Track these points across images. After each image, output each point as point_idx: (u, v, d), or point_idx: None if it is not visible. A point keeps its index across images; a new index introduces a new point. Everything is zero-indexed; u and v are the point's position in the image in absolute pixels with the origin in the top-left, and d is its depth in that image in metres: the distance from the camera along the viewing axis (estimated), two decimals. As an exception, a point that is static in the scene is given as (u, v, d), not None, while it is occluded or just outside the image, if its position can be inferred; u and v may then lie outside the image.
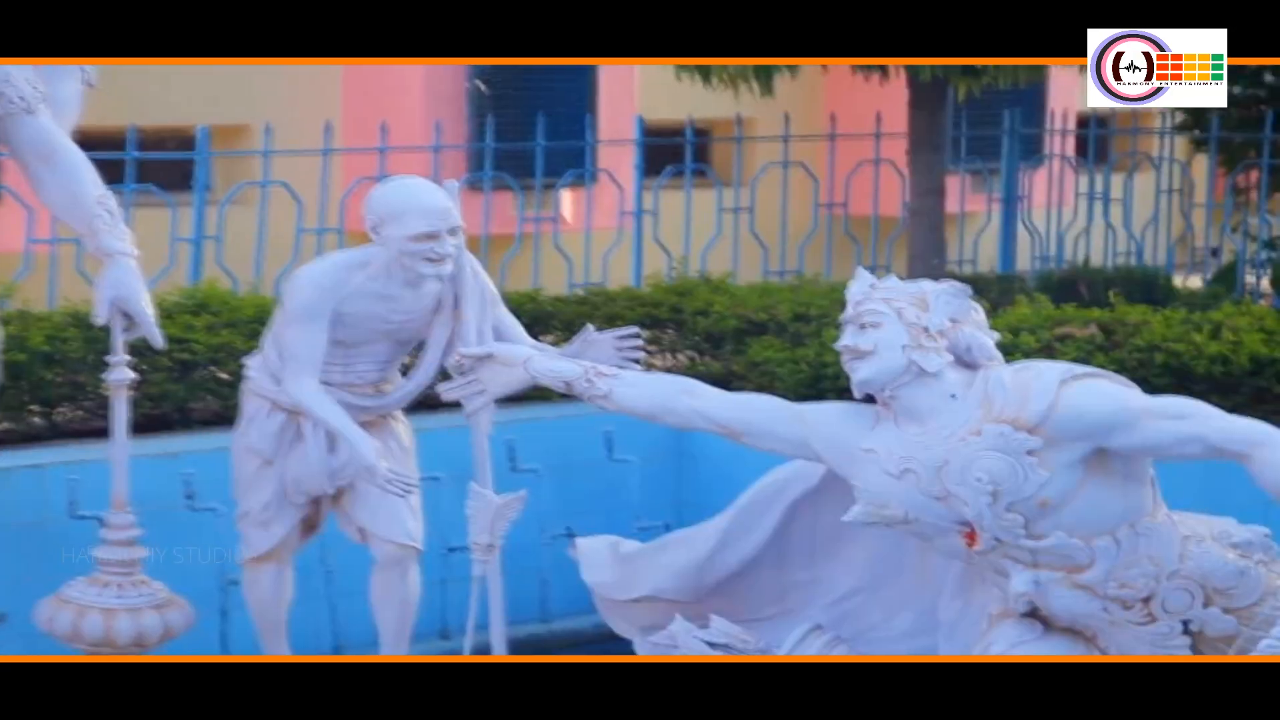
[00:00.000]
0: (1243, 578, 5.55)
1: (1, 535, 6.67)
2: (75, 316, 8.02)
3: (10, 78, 6.04)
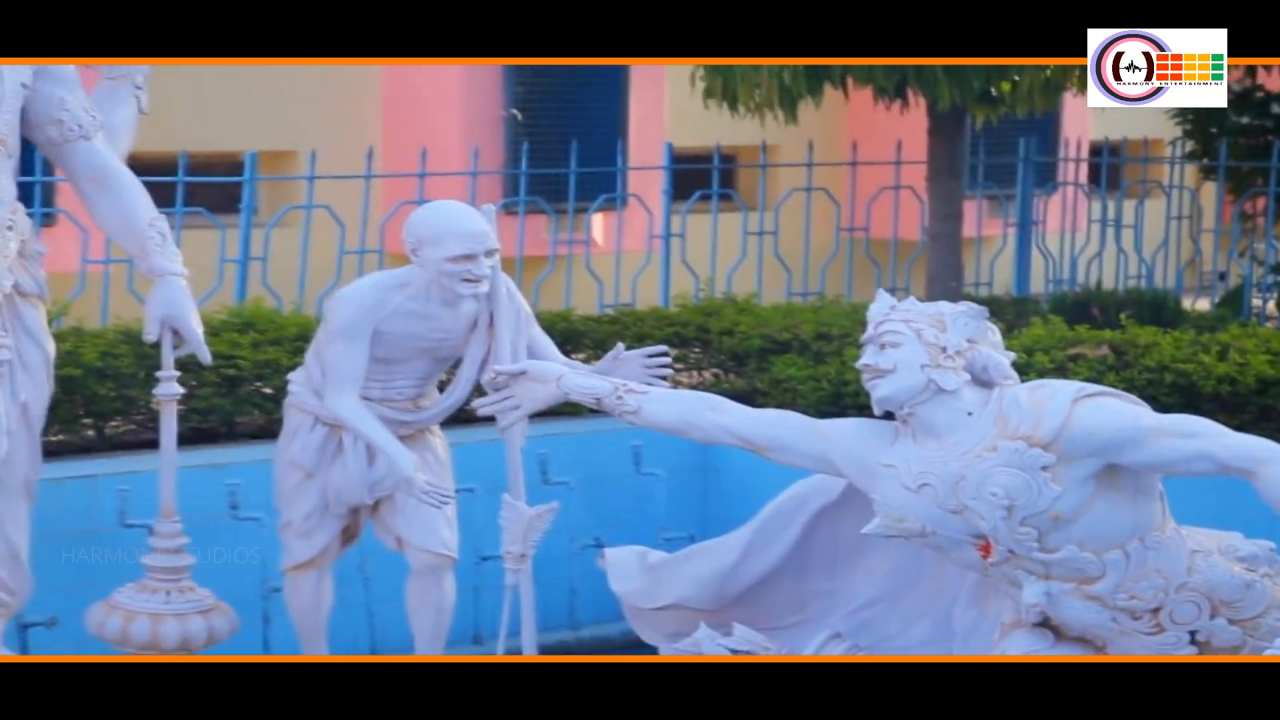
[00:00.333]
0: (1248, 590, 5.54)
1: (54, 543, 6.67)
2: (127, 333, 8.04)
3: (68, 106, 6.05)
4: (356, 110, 13.17)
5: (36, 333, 6.03)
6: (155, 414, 6.40)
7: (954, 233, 11.09)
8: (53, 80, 6.03)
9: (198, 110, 11.61)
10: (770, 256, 11.73)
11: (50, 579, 6.43)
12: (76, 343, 7.93)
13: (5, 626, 6.22)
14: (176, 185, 9.66)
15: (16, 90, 5.92)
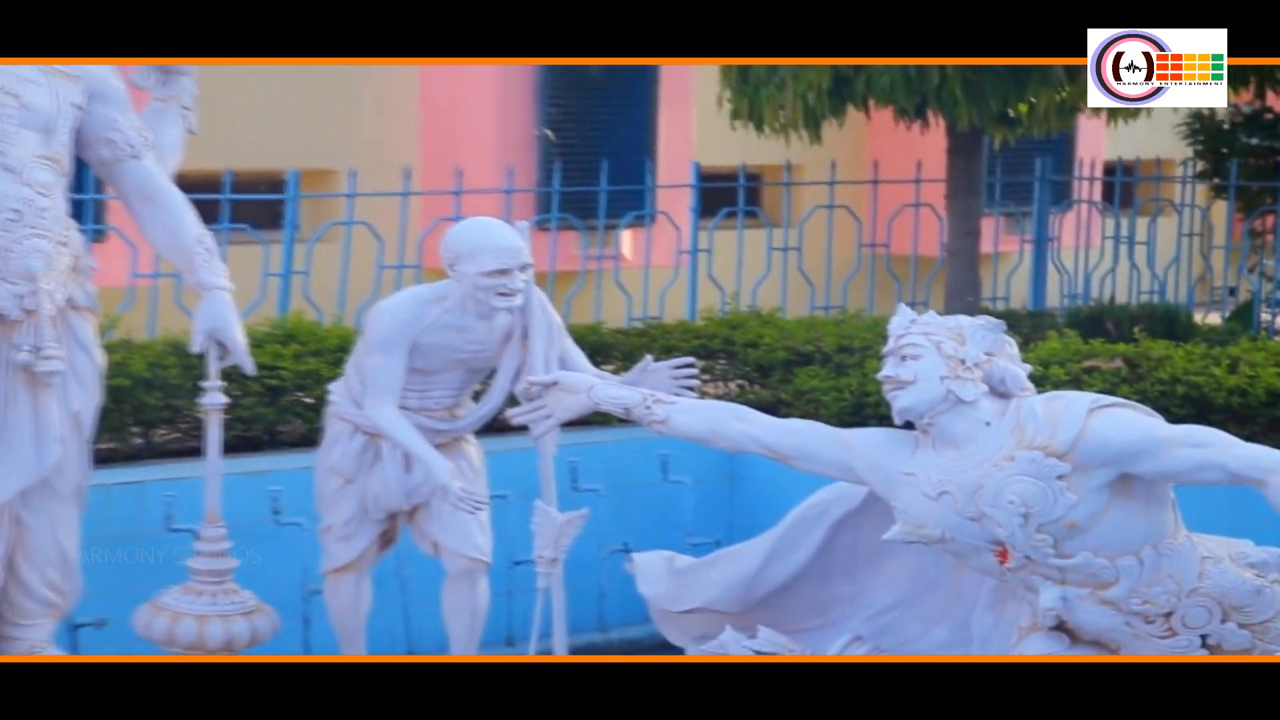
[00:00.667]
0: (1258, 596, 5.53)
1: (103, 546, 6.68)
2: (174, 345, 8.06)
3: (119, 126, 6.07)
4: (395, 130, 13.18)
5: (88, 344, 6.05)
6: (201, 423, 6.42)
7: (972, 249, 11.08)
8: (105, 101, 6.05)
9: (243, 130, 11.63)
10: (794, 271, 11.73)
11: (99, 581, 6.44)
12: (126, 354, 7.95)
13: (56, 627, 6.23)
14: (222, 202, 9.69)
15: (70, 111, 5.95)
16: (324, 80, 12.85)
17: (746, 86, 10.67)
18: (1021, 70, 9.81)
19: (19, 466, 5.87)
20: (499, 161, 12.24)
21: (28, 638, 6.09)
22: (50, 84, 5.90)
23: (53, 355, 5.85)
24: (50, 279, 5.83)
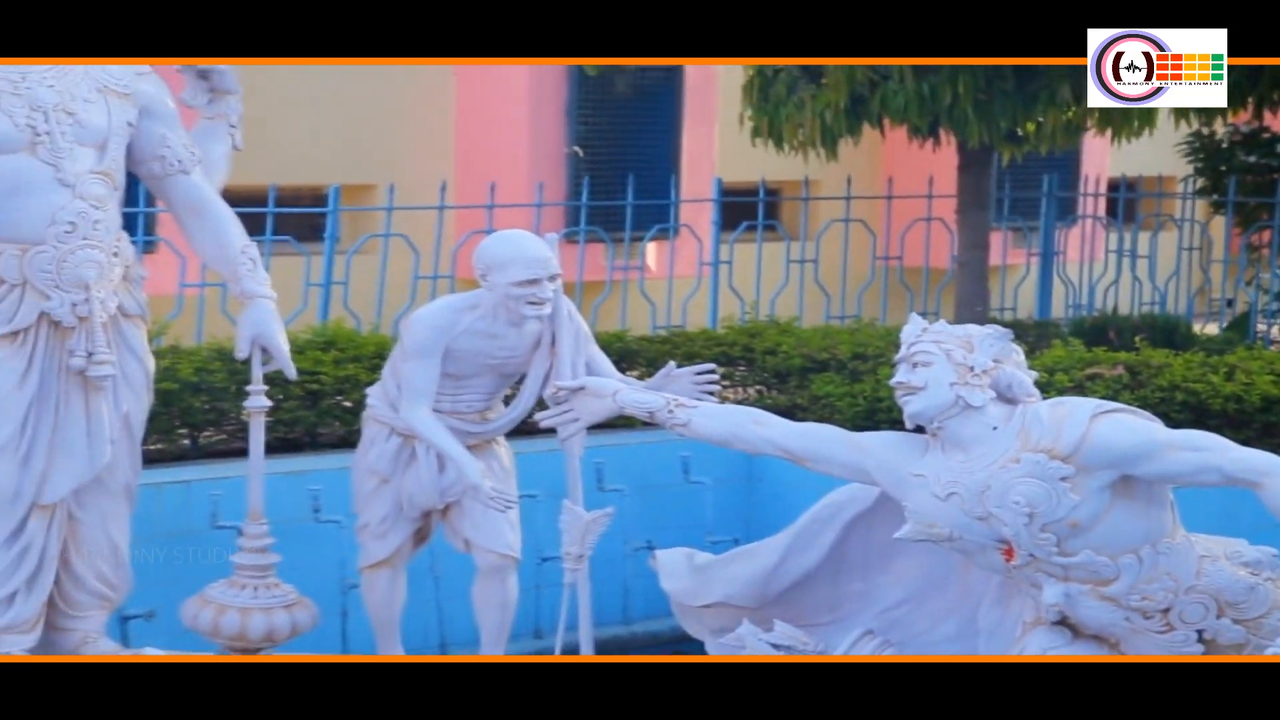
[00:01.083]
0: (1252, 593, 5.52)
1: (151, 543, 6.70)
2: (219, 351, 8.08)
3: (169, 143, 6.09)
4: (431, 147, 13.21)
5: (138, 350, 6.06)
6: (245, 425, 6.43)
7: (981, 261, 11.07)
8: (156, 119, 6.07)
9: (286, 147, 11.66)
10: (811, 282, 11.73)
11: (148, 575, 6.45)
12: (174, 359, 7.97)
13: (107, 618, 6.25)
14: (266, 216, 9.72)
15: (123, 129, 5.96)
16: (363, 99, 12.89)
17: (767, 105, 10.69)
18: (1030, 90, 9.81)
19: (72, 465, 5.89)
20: (530, 177, 12.26)
21: (80, 628, 6.10)
22: (105, 102, 5.92)
23: (105, 360, 5.86)
24: (103, 287, 5.84)
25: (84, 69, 5.91)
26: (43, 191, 5.76)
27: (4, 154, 5.71)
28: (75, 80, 5.87)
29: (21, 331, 5.79)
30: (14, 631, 5.87)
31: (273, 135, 10.75)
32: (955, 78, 9.62)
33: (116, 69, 6.00)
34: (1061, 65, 9.63)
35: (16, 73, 5.78)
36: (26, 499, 5.84)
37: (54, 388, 5.85)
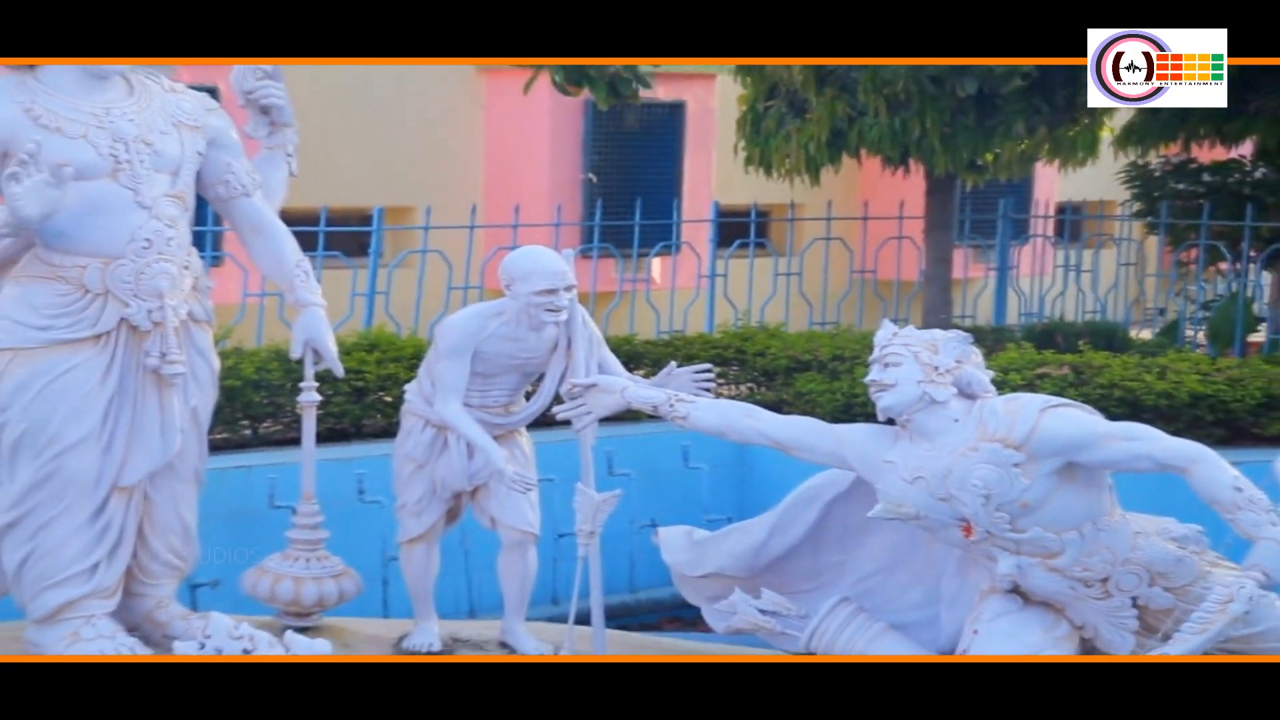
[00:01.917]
0: (1180, 564, 5.51)
1: (217, 520, 6.70)
2: (277, 352, 8.10)
3: (234, 169, 6.08)
4: (463, 174, 13.23)
5: (205, 351, 6.06)
6: (298, 417, 6.43)
7: (945, 275, 11.08)
8: (223, 148, 6.07)
9: (336, 173, 11.67)
10: (796, 293, 11.74)
11: (214, 549, 6.45)
12: (237, 360, 7.99)
13: (177, 586, 6.24)
14: (318, 234, 9.73)
15: (194, 157, 5.96)
16: (404, 132, 12.91)
17: (758, 137, 10.71)
18: (988, 125, 9.81)
19: (147, 452, 5.89)
20: (550, 200, 12.28)
21: (154, 595, 6.10)
22: (178, 134, 5.91)
23: (176, 360, 5.86)
24: (175, 296, 5.84)
25: (161, 105, 5.91)
26: (123, 212, 5.76)
27: (90, 179, 5.70)
28: (153, 115, 5.87)
29: (104, 335, 5.78)
30: (97, 596, 5.87)
31: (325, 163, 10.75)
32: (923, 113, 9.62)
33: (189, 105, 6.00)
34: (1015, 102, 9.66)
35: (101, 108, 5.77)
36: (108, 482, 5.84)
37: (132, 384, 5.85)
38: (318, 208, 9.86)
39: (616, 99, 10.14)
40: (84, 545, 5.82)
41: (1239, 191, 12.03)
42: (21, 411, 5.72)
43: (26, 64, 5.77)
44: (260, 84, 6.35)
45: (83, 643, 5.79)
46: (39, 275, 5.77)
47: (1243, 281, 11.82)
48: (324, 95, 12.04)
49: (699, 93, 13.80)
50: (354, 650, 6.07)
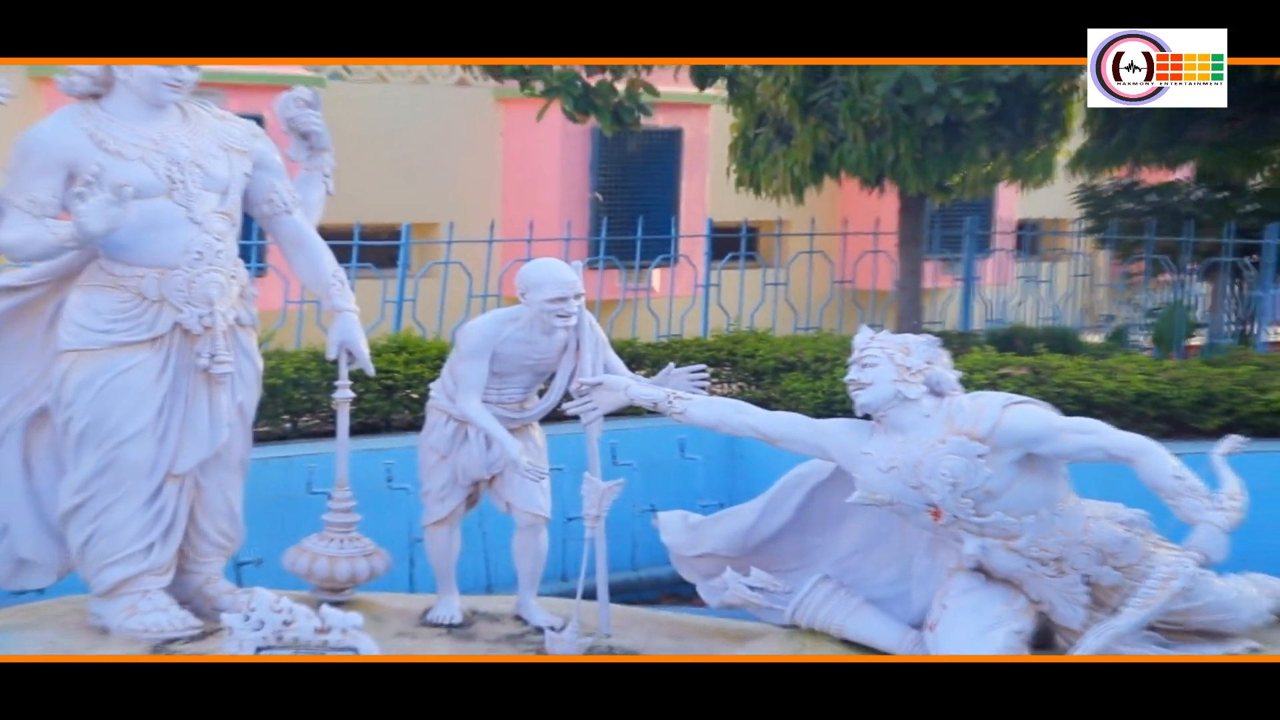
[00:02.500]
0: (1127, 545, 5.52)
1: (260, 505, 6.67)
2: (314, 354, 8.08)
3: (277, 189, 6.08)
4: (482, 193, 13.23)
5: (250, 352, 6.06)
6: (334, 412, 6.42)
7: (916, 285, 11.07)
8: (267, 170, 6.07)
9: (369, 192, 11.66)
10: (782, 301, 11.72)
11: (258, 530, 6.44)
12: (279, 360, 7.97)
13: (224, 564, 6.24)
14: (352, 247, 9.72)
15: (241, 178, 5.97)
16: (429, 155, 12.90)
17: (748, 161, 10.71)
18: (955, 150, 9.80)
19: (198, 443, 5.89)
20: (560, 217, 12.27)
21: (204, 571, 6.10)
22: (227, 157, 5.92)
23: (224, 361, 5.87)
24: (223, 303, 5.85)
25: (211, 131, 5.91)
26: (177, 228, 5.76)
27: (148, 198, 5.70)
28: (204, 140, 5.88)
29: (159, 338, 5.79)
30: (152, 573, 5.88)
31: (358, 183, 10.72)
32: (897, 140, 9.62)
33: (237, 131, 6.01)
34: (979, 130, 9.65)
35: (157, 133, 5.78)
36: (162, 470, 5.85)
37: (184, 382, 5.85)
38: (351, 224, 9.85)
39: (620, 126, 10.13)
40: (141, 527, 5.83)
41: (1179, 211, 12.05)
42: (85, 406, 5.73)
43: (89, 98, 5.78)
44: (300, 112, 6.35)
45: (139, 615, 5.80)
46: (101, 284, 5.78)
47: (1183, 292, 11.83)
48: (358, 122, 12.04)
49: (694, 121, 13.79)
50: (383, 622, 6.06)
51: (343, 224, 9.53)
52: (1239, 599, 5.74)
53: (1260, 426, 8.27)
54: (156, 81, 5.73)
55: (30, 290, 5.94)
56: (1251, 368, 8.98)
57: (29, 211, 5.65)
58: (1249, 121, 10.92)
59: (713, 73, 10.20)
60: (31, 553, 6.01)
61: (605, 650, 5.89)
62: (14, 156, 5.72)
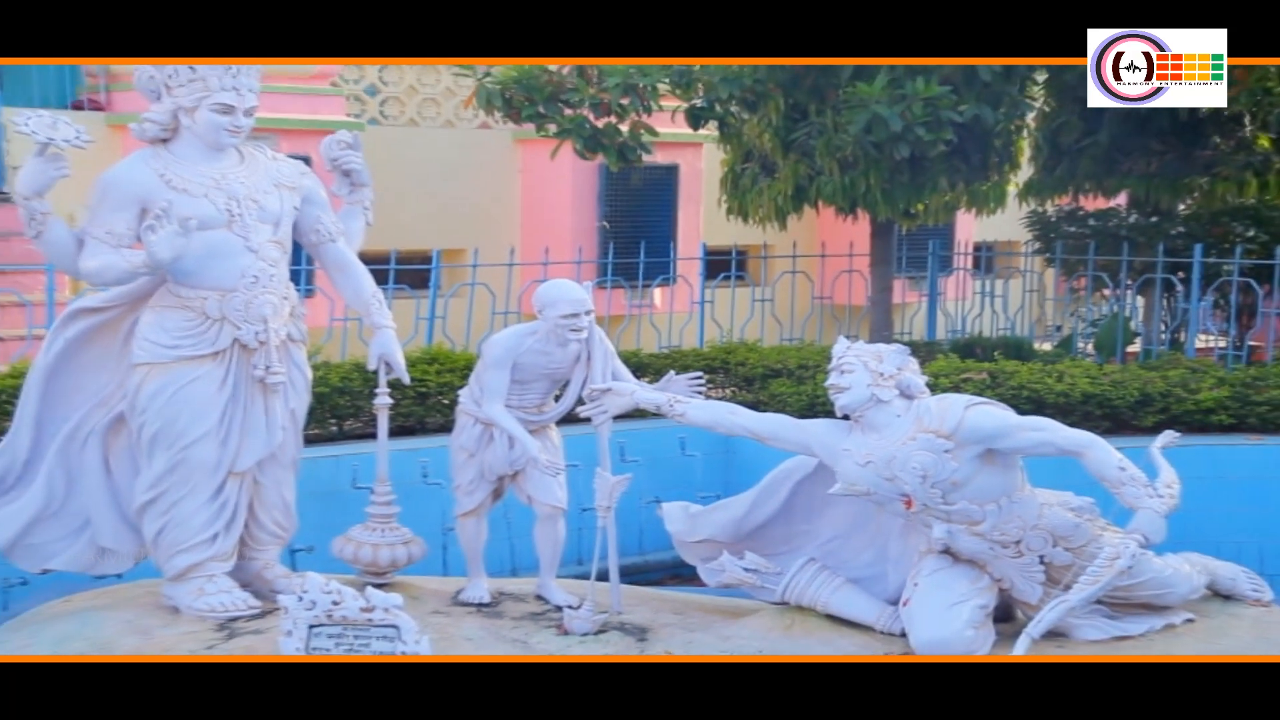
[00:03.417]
0: (1077, 529, 5.51)
1: (310, 499, 6.66)
2: (357, 365, 8.09)
3: (323, 220, 6.08)
4: (503, 223, 13.22)
5: (300, 364, 6.06)
6: (375, 416, 6.42)
7: (887, 300, 11.05)
8: (314, 204, 6.07)
9: (404, 223, 11.66)
10: (769, 315, 11.71)
11: (309, 521, 6.44)
12: (325, 371, 7.98)
13: (280, 551, 6.23)
14: (389, 270, 9.71)
15: (291, 211, 5.97)
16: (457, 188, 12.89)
17: (737, 192, 10.71)
18: (919, 182, 9.78)
19: (255, 445, 5.89)
20: (572, 243, 12.26)
21: (262, 557, 6.09)
22: (279, 193, 5.92)
23: (278, 372, 5.86)
24: (276, 321, 5.84)
25: (264, 170, 5.91)
26: (236, 255, 5.76)
27: (210, 229, 5.70)
28: (259, 178, 5.88)
29: (221, 352, 5.79)
30: (217, 559, 5.87)
31: (394, 215, 10.74)
32: (868, 173, 9.61)
33: (287, 169, 6.01)
34: (940, 164, 9.64)
35: (218, 173, 5.78)
36: (225, 468, 5.84)
37: (243, 391, 5.85)
38: (388, 250, 9.85)
39: (624, 163, 10.13)
40: (206, 518, 5.82)
41: (1116, 234, 12.04)
42: (157, 413, 5.73)
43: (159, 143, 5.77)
44: (343, 153, 6.34)
45: (206, 596, 5.79)
46: (170, 305, 5.77)
47: (1121, 305, 11.81)
48: (393, 161, 12.04)
49: (689, 158, 13.79)
50: (421, 602, 6.05)
51: (380, 250, 9.54)
52: (1176, 575, 5.73)
53: (1191, 423, 8.27)
54: (217, 128, 5.74)
55: (108, 311, 5.94)
56: (1182, 371, 8.97)
57: (107, 242, 5.66)
58: (1174, 155, 11.01)
59: (705, 115, 10.19)
60: (111, 542, 6.00)
61: (617, 625, 5.88)
62: (94, 194, 5.72)
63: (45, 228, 5.67)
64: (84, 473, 5.95)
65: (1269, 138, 11.04)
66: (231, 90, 5.70)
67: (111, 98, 11.68)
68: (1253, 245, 11.68)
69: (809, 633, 5.65)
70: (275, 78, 9.86)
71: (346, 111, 12.55)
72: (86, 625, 5.62)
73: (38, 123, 5.57)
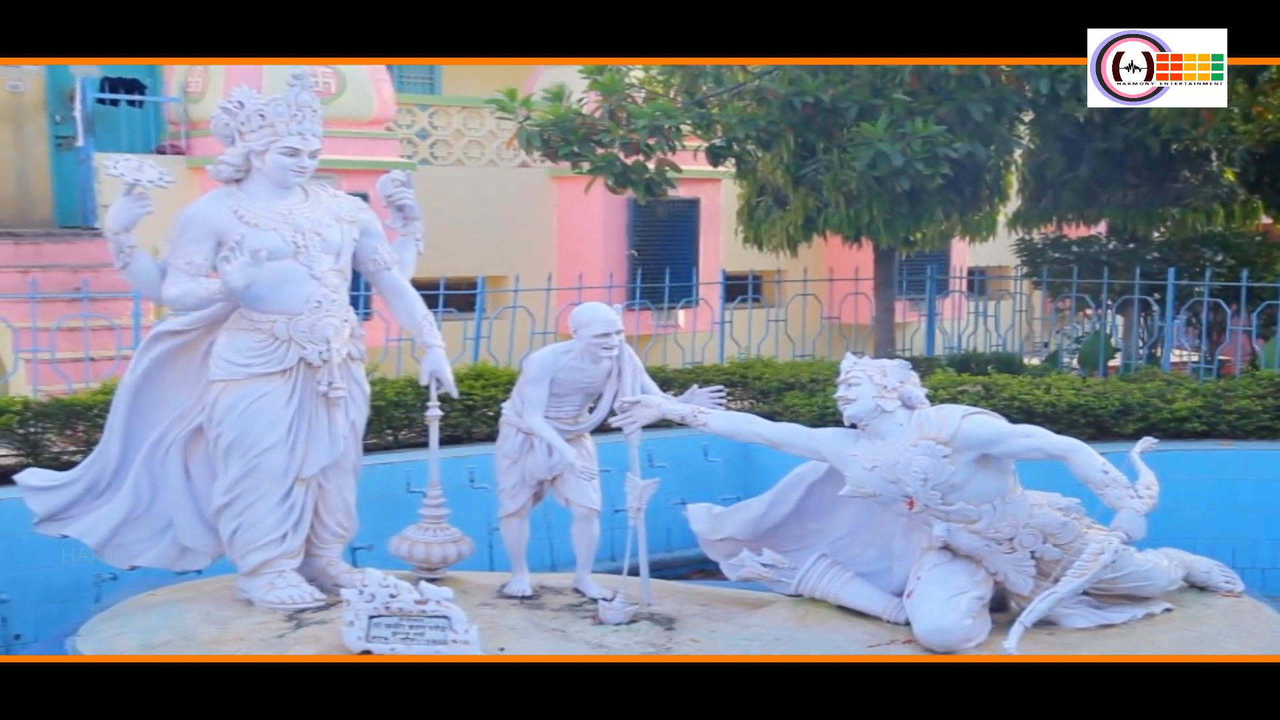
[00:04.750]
0: (1064, 527, 5.48)
1: (369, 502, 6.67)
2: (410, 381, 8.09)
3: (379, 250, 6.09)
4: (541, 251, 13.25)
5: (360, 380, 6.07)
6: (426, 428, 6.42)
7: (890, 320, 11.02)
8: (371, 236, 6.08)
9: (452, 252, 11.69)
10: (782, 334, 11.69)
11: (368, 521, 6.44)
12: (382, 386, 7.99)
13: (343, 549, 6.23)
14: (439, 295, 9.73)
15: (350, 242, 5.98)
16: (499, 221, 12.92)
17: (752, 223, 10.70)
18: (918, 212, 9.76)
19: (320, 453, 5.90)
20: (604, 269, 12.27)
21: (326, 555, 6.09)
22: (339, 226, 5.94)
23: (339, 387, 5.87)
24: (338, 341, 5.86)
25: (326, 205, 5.93)
26: (301, 282, 5.78)
27: (278, 260, 5.73)
28: (321, 213, 5.90)
29: (288, 369, 5.81)
30: (286, 557, 5.88)
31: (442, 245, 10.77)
32: (871, 205, 9.59)
33: (347, 205, 6.02)
34: (937, 196, 9.61)
35: (285, 208, 5.80)
36: (292, 474, 5.85)
37: (309, 405, 5.86)
38: (438, 277, 9.88)
39: (651, 196, 10.13)
40: (276, 520, 5.83)
41: (1098, 259, 12.02)
42: (231, 424, 5.75)
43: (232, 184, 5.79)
44: (397, 190, 6.36)
45: (277, 590, 5.80)
46: (242, 327, 5.80)
47: (1103, 323, 11.77)
48: (442, 197, 12.08)
49: (709, 192, 13.79)
50: (469, 595, 6.04)
51: (431, 277, 9.56)
52: (1155, 569, 5.69)
53: (1168, 430, 8.21)
54: (285, 168, 5.77)
55: (188, 333, 5.97)
56: (1159, 383, 8.91)
57: (186, 272, 5.69)
58: (1149, 188, 11.07)
59: (723, 153, 10.20)
60: (191, 541, 6.02)
61: (647, 615, 5.86)
62: (175, 229, 5.76)
63: (132, 259, 5.71)
64: (167, 479, 5.98)
65: (1234, 172, 11.11)
66: (297, 135, 5.73)
67: (190, 143, 11.77)
68: (1221, 269, 11.68)
69: (822, 622, 5.63)
70: (335, 122, 9.91)
71: (400, 153, 12.62)
72: (170, 616, 5.64)
73: (125, 166, 5.62)
